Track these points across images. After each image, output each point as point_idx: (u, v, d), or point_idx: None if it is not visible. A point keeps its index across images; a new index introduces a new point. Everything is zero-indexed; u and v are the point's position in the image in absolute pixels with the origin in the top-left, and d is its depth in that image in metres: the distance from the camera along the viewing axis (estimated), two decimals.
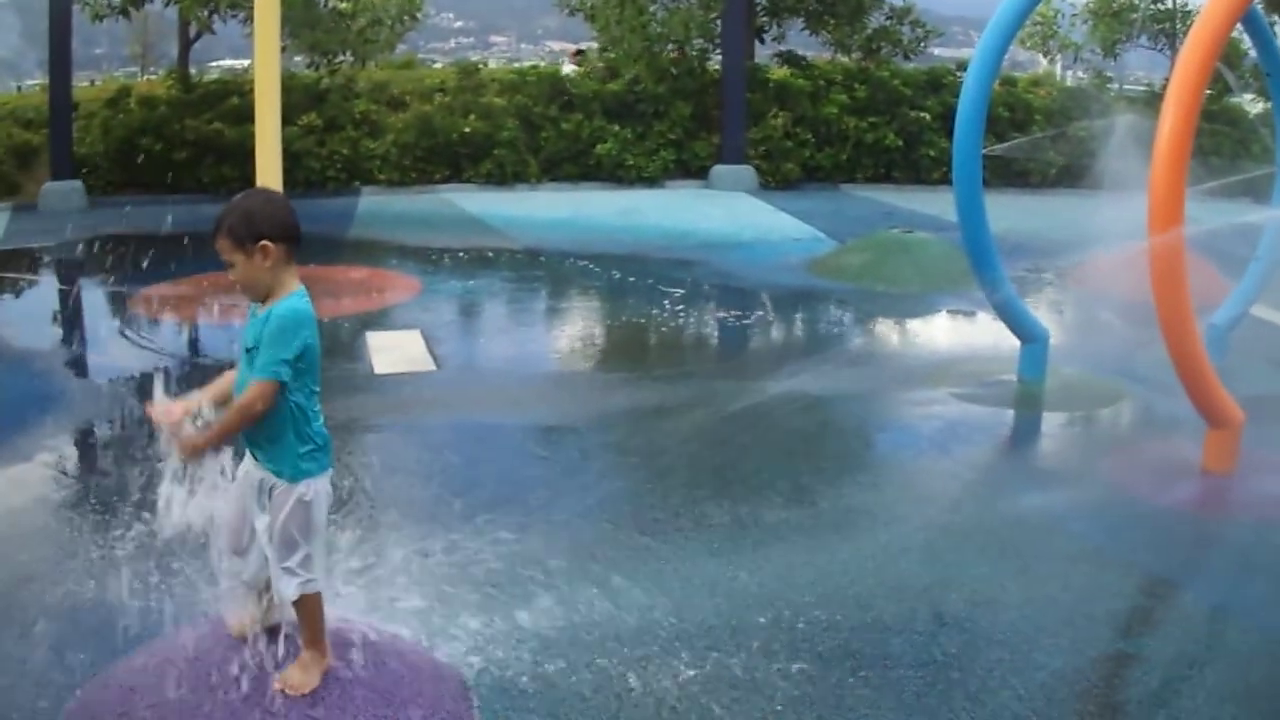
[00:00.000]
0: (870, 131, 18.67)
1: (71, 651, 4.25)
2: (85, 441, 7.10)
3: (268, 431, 3.63)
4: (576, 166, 18.52)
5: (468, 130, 18.30)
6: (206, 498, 3.75)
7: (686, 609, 4.50)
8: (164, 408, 3.59)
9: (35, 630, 4.44)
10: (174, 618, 4.33)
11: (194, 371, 8.12)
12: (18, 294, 12.43)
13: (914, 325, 10.14)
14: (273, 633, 3.85)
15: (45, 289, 12.99)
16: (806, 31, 20.63)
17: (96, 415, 7.46)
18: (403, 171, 18.24)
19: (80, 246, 14.45)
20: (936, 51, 23.08)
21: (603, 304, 10.76)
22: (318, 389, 3.69)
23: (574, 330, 9.94)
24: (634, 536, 5.23)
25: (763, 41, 20.77)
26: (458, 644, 4.26)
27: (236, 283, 3.68)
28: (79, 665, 4.14)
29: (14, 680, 4.09)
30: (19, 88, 34.18)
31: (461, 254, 13.12)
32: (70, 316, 11.13)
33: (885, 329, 10.10)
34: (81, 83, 22.43)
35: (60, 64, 17.67)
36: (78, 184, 17.37)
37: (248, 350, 3.65)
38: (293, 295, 3.62)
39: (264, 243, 3.54)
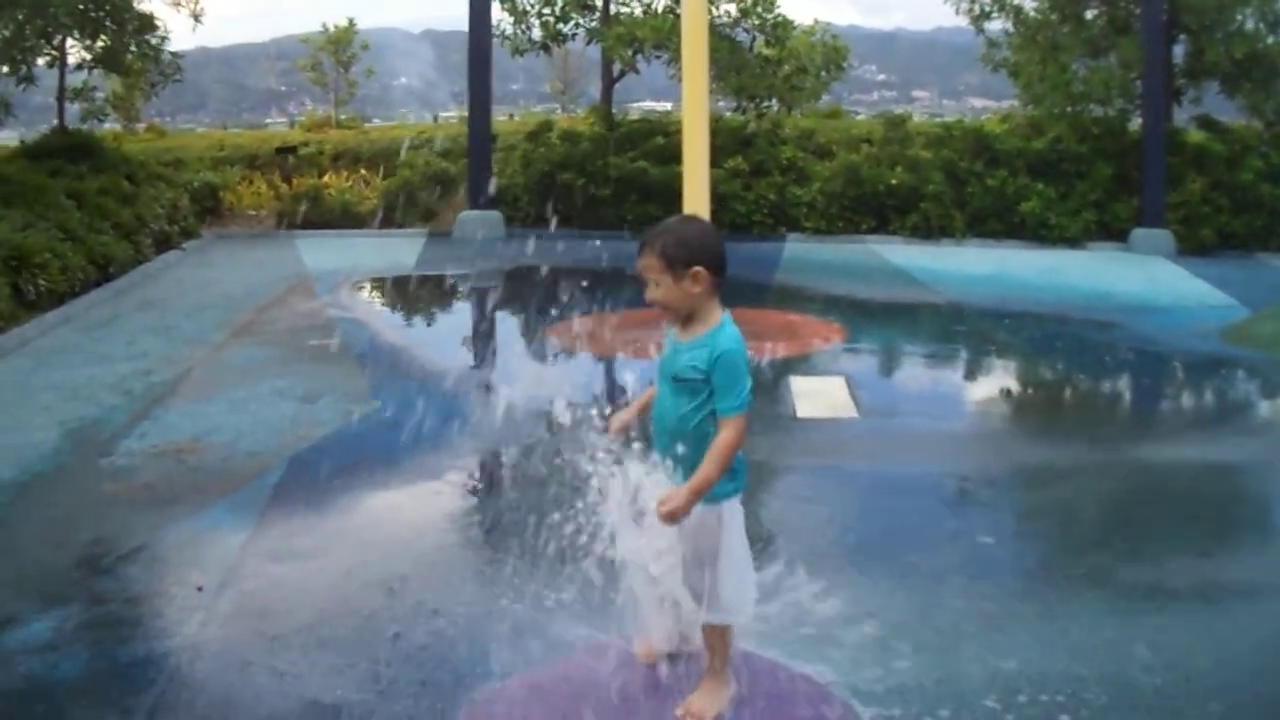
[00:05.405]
0: None
1: (471, 663, 4.40)
2: (495, 463, 7.28)
3: (692, 455, 3.60)
4: (1001, 223, 18.34)
5: (894, 182, 18.30)
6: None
7: (1085, 669, 4.44)
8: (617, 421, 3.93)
9: (437, 640, 4.59)
10: (579, 639, 4.46)
11: (608, 407, 8.23)
12: (431, 318, 13.15)
13: None
14: (679, 658, 4.00)
15: (459, 314, 13.70)
16: (1222, 95, 19.99)
17: (505, 439, 7.66)
18: (829, 220, 18.40)
19: (497, 275, 15.25)
20: None
21: (1022, 361, 10.66)
22: None
23: (993, 385, 9.80)
24: (1040, 592, 5.23)
25: (1179, 104, 20.19)
26: (859, 686, 4.24)
27: (656, 301, 3.69)
28: (476, 676, 4.29)
29: (414, 686, 4.23)
30: (435, 118, 36.98)
31: (885, 305, 13.40)
32: (483, 342, 11.65)
33: None
34: (499, 117, 23.82)
35: (480, 97, 18.70)
36: (495, 214, 18.29)
37: (674, 379, 3.66)
38: (725, 324, 3.68)
39: (697, 269, 3.60)
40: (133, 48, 18.46)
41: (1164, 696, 4.22)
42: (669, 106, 26.50)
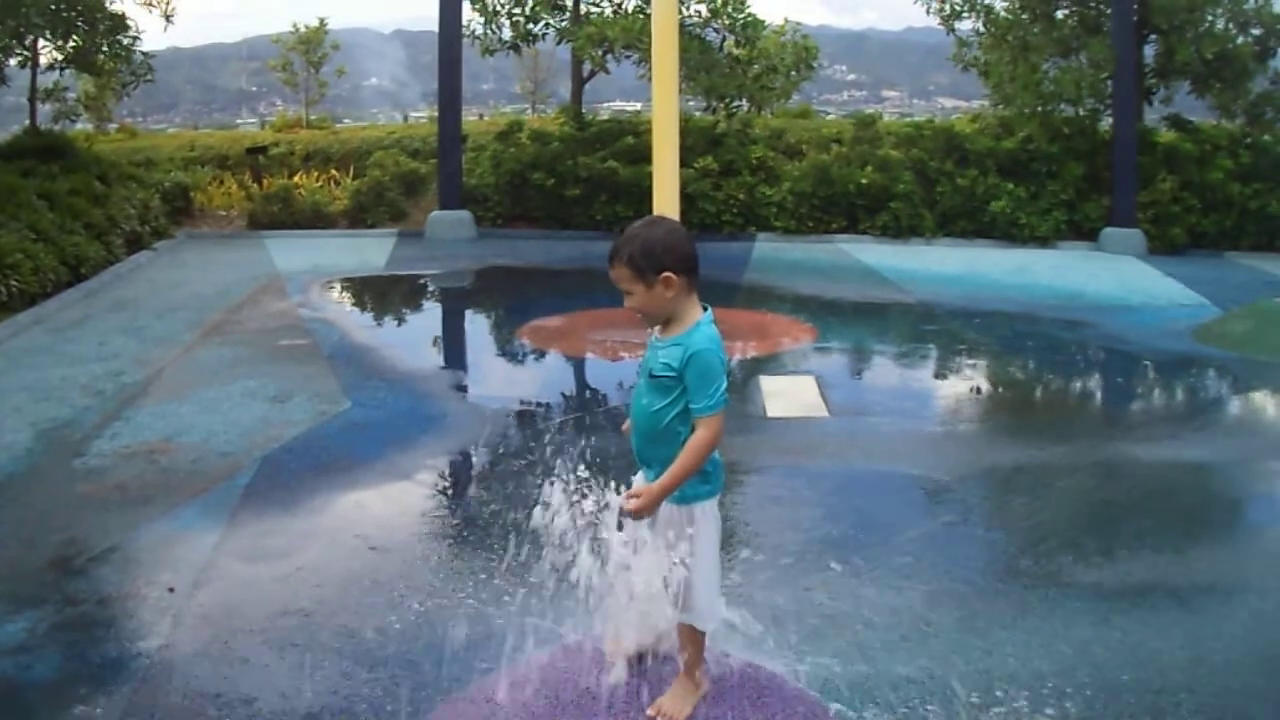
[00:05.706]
0: (1255, 199, 18.23)
1: (442, 663, 4.39)
2: (465, 463, 7.29)
3: (663, 454, 3.60)
4: (971, 222, 18.45)
5: (864, 182, 18.37)
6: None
7: (1059, 666, 4.49)
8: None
9: (409, 640, 4.60)
10: (551, 638, 4.45)
11: (578, 407, 8.30)
12: (402, 318, 13.14)
13: None
14: (651, 658, 4.02)
15: (431, 314, 13.70)
16: (1192, 94, 20.23)
17: (476, 440, 7.67)
18: (799, 219, 18.47)
19: (468, 275, 15.24)
20: None
21: (993, 361, 10.66)
22: None
23: (963, 385, 9.76)
24: (1013, 590, 5.27)
25: (1150, 104, 20.38)
26: (831, 686, 4.27)
27: (634, 310, 3.68)
28: (447, 676, 4.29)
29: (385, 686, 4.25)
30: (405, 118, 36.90)
31: (856, 304, 13.39)
32: (454, 343, 11.66)
33: (1264, 399, 9.71)
34: (468, 117, 23.76)
35: (450, 96, 18.70)
36: (466, 214, 18.33)
37: (652, 376, 3.65)
38: (701, 324, 3.66)
39: (666, 274, 3.58)
40: (104, 48, 18.36)
41: (1138, 693, 4.26)
42: (639, 106, 26.52)
